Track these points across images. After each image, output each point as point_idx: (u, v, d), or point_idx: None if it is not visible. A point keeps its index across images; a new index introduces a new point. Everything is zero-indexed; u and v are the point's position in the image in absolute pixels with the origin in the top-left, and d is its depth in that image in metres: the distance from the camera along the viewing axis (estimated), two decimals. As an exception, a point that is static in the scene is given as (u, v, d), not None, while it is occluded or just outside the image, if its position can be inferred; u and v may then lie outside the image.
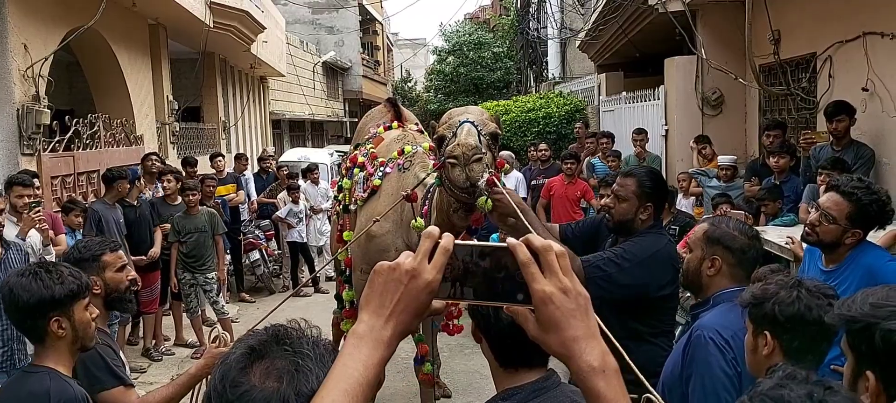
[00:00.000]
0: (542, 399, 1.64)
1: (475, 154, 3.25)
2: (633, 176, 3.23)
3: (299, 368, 1.13)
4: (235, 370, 1.12)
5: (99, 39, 8.78)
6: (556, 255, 1.04)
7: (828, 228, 3.00)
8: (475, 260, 1.05)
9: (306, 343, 1.18)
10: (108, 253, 2.90)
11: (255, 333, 1.20)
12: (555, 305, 1.03)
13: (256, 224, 10.38)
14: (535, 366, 1.69)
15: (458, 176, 3.27)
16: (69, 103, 11.01)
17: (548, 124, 12.26)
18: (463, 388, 6.20)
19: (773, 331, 2.02)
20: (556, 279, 1.04)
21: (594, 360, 1.04)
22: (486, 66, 24.52)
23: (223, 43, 12.59)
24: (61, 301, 2.34)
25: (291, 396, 1.10)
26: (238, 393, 1.10)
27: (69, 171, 7.56)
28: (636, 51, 11.18)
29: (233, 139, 15.43)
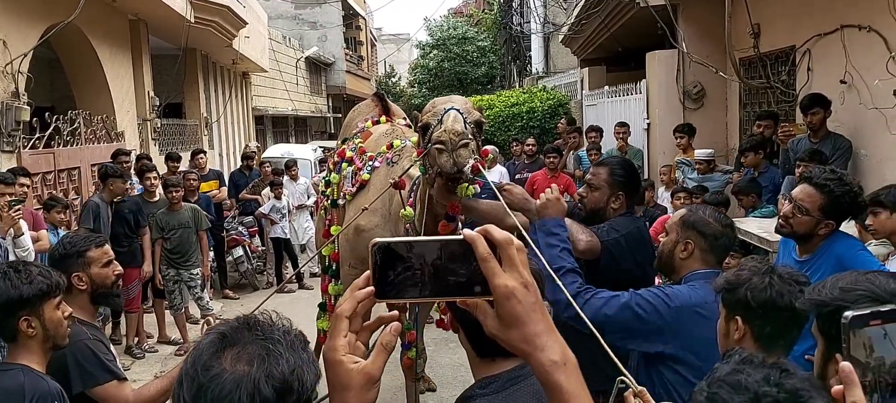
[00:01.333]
0: (519, 387, 1.66)
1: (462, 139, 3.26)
2: (605, 165, 3.33)
3: (270, 352, 1.14)
4: (207, 354, 1.13)
5: (79, 35, 8.70)
6: (516, 248, 1.02)
7: (801, 220, 3.04)
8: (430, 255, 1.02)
9: (277, 331, 1.20)
10: (93, 249, 2.89)
11: (226, 322, 1.21)
12: (517, 300, 1.01)
13: (240, 220, 10.35)
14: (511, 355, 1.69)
15: (446, 161, 3.27)
16: (50, 100, 10.90)
17: (531, 119, 12.31)
18: (448, 381, 6.23)
19: (744, 316, 2.06)
20: (518, 273, 1.01)
21: (555, 355, 1.03)
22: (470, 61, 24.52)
23: (205, 38, 12.50)
24: (30, 300, 2.34)
25: (262, 379, 1.11)
26: (209, 376, 1.11)
27: (50, 168, 7.49)
28: (618, 45, 11.25)
29: (215, 135, 15.35)
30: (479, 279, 1.00)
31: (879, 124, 5.57)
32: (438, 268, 1.01)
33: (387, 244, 1.02)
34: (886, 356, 1.12)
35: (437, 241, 1.03)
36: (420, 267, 1.01)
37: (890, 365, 1.12)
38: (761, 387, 1.10)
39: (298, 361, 1.16)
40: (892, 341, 1.13)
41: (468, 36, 25.25)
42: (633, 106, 9.91)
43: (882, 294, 1.48)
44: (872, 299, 1.46)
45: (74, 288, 2.79)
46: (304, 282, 10.10)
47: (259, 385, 1.11)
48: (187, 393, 1.12)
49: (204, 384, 1.10)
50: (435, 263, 1.01)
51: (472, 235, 1.00)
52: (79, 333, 2.64)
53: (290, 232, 10.15)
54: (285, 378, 1.13)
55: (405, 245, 1.02)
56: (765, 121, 6.76)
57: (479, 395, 1.68)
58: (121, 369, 2.87)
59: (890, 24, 5.26)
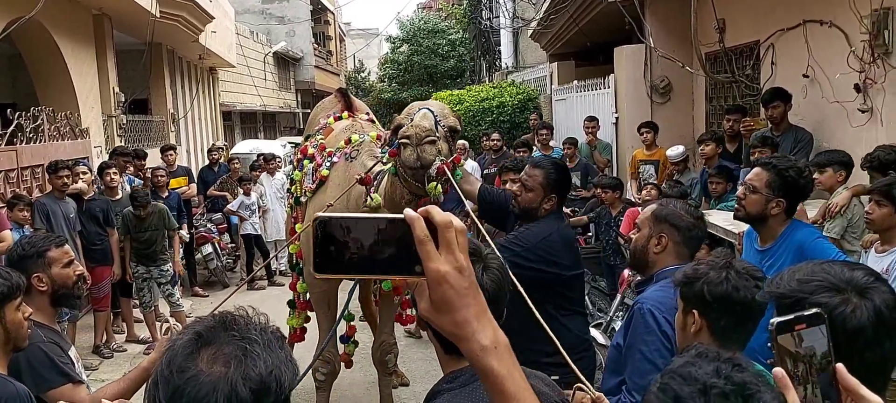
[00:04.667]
0: None
1: (428, 135, 3.30)
2: (541, 167, 3.41)
3: (247, 353, 1.13)
4: (182, 356, 1.12)
5: (41, 31, 8.53)
6: (455, 232, 0.99)
7: (752, 199, 3.15)
8: (372, 232, 1.00)
9: (254, 329, 1.18)
10: (53, 249, 2.84)
11: (201, 320, 1.19)
12: (449, 285, 0.98)
13: (209, 217, 10.25)
14: None
15: (409, 155, 3.31)
16: (11, 97, 10.68)
17: (501, 114, 12.35)
18: (421, 376, 6.25)
19: (701, 310, 2.09)
20: (453, 257, 0.98)
21: (486, 340, 1.01)
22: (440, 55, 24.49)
23: (170, 33, 12.33)
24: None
25: (239, 380, 1.10)
26: (185, 378, 1.10)
27: (12, 166, 7.33)
28: (587, 40, 11.31)
29: (182, 131, 15.15)
30: (419, 259, 0.98)
31: (840, 117, 5.70)
32: (380, 246, 1.00)
33: (329, 219, 1.01)
34: (817, 347, 1.15)
35: (379, 219, 1.01)
36: (361, 244, 1.00)
37: (821, 356, 1.14)
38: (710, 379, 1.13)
39: (276, 361, 1.15)
40: (822, 331, 1.15)
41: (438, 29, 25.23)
42: (601, 100, 9.99)
43: (838, 283, 1.51)
44: (829, 289, 1.50)
45: (34, 289, 2.74)
46: (275, 279, 10.04)
47: (236, 387, 1.09)
48: (163, 396, 1.10)
49: (179, 386, 1.09)
50: (377, 241, 1.00)
51: (412, 215, 0.98)
52: (34, 337, 2.58)
53: (262, 228, 10.08)
54: (263, 379, 1.12)
55: (347, 220, 1.01)
56: (733, 115, 6.88)
57: (445, 390, 1.69)
58: (79, 372, 2.82)
59: (850, 19, 5.38)
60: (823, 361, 1.14)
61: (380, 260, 1.00)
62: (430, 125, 3.36)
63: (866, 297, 1.47)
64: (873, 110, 5.32)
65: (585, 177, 8.34)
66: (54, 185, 6.71)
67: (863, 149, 4.94)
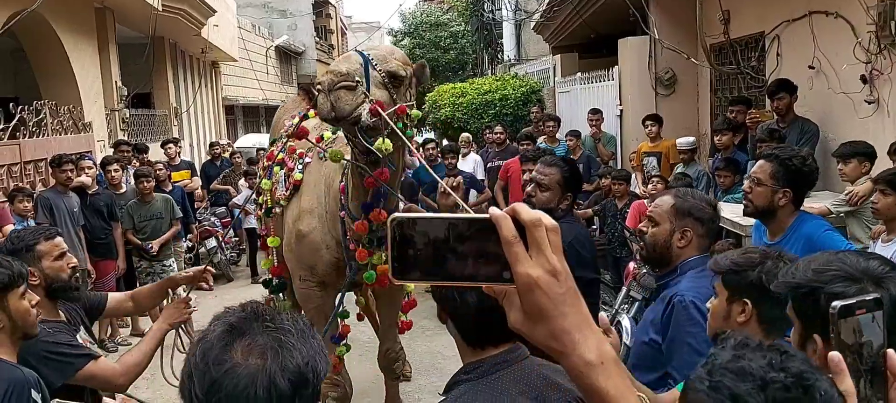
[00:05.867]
0: (506, 372, 1.64)
1: (342, 81, 2.92)
2: (556, 166, 3.29)
3: (282, 344, 1.11)
4: (217, 348, 1.10)
5: (43, 24, 8.52)
6: (546, 230, 0.89)
7: (758, 192, 3.12)
8: (448, 234, 0.91)
9: (286, 319, 1.17)
10: (42, 242, 2.79)
11: (231, 311, 1.18)
12: (542, 291, 0.87)
13: (212, 211, 10.25)
14: (501, 342, 1.69)
15: (322, 104, 2.95)
16: (14, 91, 10.67)
17: (504, 106, 12.31)
18: (425, 369, 6.24)
19: (754, 299, 2.04)
20: (544, 259, 0.88)
21: (590, 353, 0.90)
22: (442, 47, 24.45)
23: (173, 27, 12.31)
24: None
25: (277, 372, 1.08)
26: (222, 371, 1.08)
27: (15, 160, 7.33)
28: (591, 32, 11.29)
29: (185, 125, 15.14)
30: (508, 264, 0.89)
31: (847, 109, 5.67)
32: (463, 250, 0.90)
33: (407, 219, 0.92)
34: (874, 339, 1.13)
35: (460, 219, 0.91)
36: (441, 247, 0.90)
37: (877, 348, 1.13)
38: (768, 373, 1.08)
39: (310, 351, 1.14)
40: (880, 325, 1.14)
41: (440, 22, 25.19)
42: (605, 92, 9.96)
43: (854, 272, 1.50)
44: (845, 278, 1.49)
45: None
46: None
47: (275, 379, 1.08)
48: (199, 389, 1.08)
49: (217, 379, 1.07)
50: (459, 243, 0.90)
51: (497, 214, 0.88)
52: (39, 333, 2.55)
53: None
54: (300, 369, 1.11)
55: (425, 220, 0.92)
56: (737, 106, 6.85)
57: (463, 380, 1.67)
58: (92, 348, 2.82)
59: (856, 9, 5.35)
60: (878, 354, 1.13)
61: (463, 266, 0.91)
62: (348, 68, 2.96)
63: (882, 286, 1.46)
64: (880, 101, 5.30)
65: (588, 170, 8.31)
66: (58, 179, 6.69)
67: (869, 140, 4.92)
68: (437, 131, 13.28)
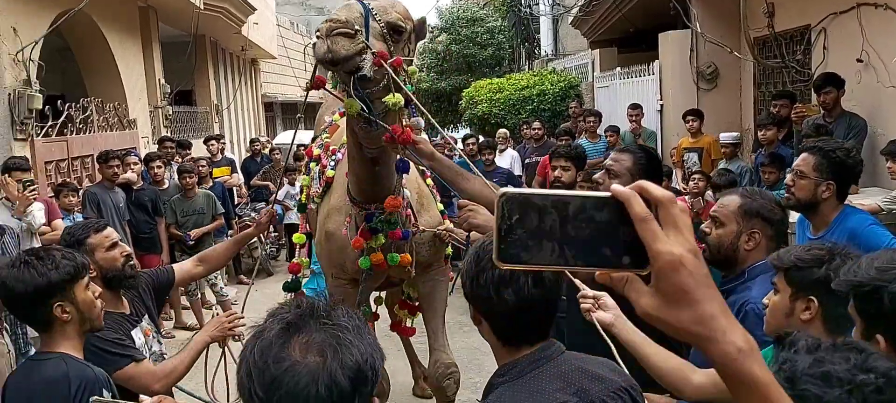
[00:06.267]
0: (541, 370, 1.61)
1: (340, 27, 2.81)
2: (630, 152, 3.05)
3: (341, 341, 1.11)
4: (276, 345, 1.09)
5: (89, 23, 8.71)
6: (679, 209, 0.82)
7: (800, 185, 3.09)
8: (569, 212, 0.84)
9: (342, 315, 1.16)
10: (92, 235, 2.84)
11: (284, 306, 1.17)
12: (688, 271, 0.81)
13: (252, 207, 10.39)
14: (535, 341, 1.66)
15: (319, 47, 2.83)
16: (61, 88, 10.90)
17: (542, 102, 12.25)
18: (464, 365, 6.22)
19: (820, 297, 1.97)
20: (683, 238, 0.81)
21: (740, 340, 0.83)
22: (478, 43, 24.35)
23: (214, 25, 12.49)
24: (59, 285, 2.27)
25: (337, 370, 1.08)
26: (282, 368, 1.07)
27: (63, 156, 7.53)
28: (630, 26, 11.16)
29: (225, 122, 15.37)
30: (630, 247, 0.82)
31: (896, 103, 5.53)
32: (579, 231, 0.83)
33: (517, 195, 0.85)
34: None
35: (579, 197, 0.84)
36: (554, 229, 0.83)
37: None
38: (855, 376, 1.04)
39: (368, 348, 1.13)
40: None
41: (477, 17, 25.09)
42: (645, 87, 9.84)
43: None
44: None
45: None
46: (317, 268, 10.13)
47: (335, 376, 1.08)
48: (259, 387, 1.08)
49: (277, 376, 1.07)
50: (575, 224, 0.83)
51: (625, 190, 0.82)
52: None
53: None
54: (360, 366, 1.10)
55: (537, 198, 0.84)
56: (781, 100, 6.71)
57: (499, 383, 1.64)
58: (139, 350, 2.85)
59: (908, 0, 5.21)
60: None
61: (578, 249, 0.84)
62: (350, 17, 2.85)
63: None
64: (932, 95, 5.15)
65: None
66: (104, 175, 6.84)
67: (921, 135, 4.79)
68: (474, 127, 13.26)
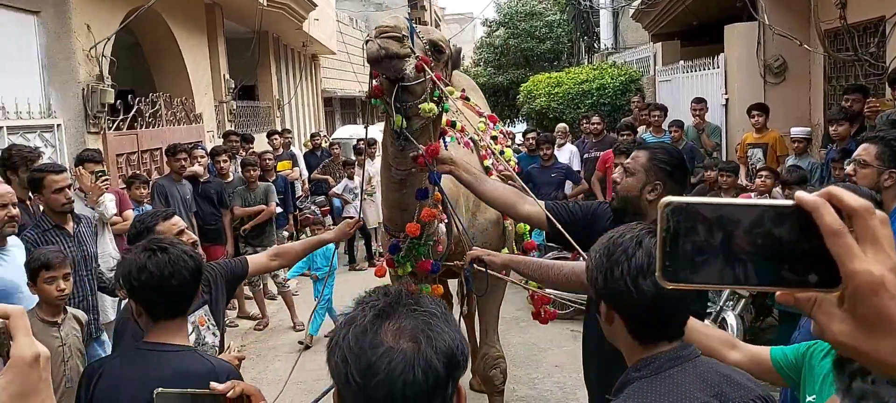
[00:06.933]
0: (681, 368, 1.56)
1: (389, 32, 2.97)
2: (646, 149, 2.91)
3: (432, 328, 1.12)
4: (371, 332, 1.11)
5: (158, 19, 8.96)
6: (879, 221, 0.72)
7: (863, 173, 3.09)
8: (745, 225, 0.75)
9: (430, 302, 1.17)
10: (162, 223, 2.91)
11: (374, 294, 1.19)
12: (890, 294, 0.70)
13: (312, 200, 10.57)
14: (674, 339, 1.62)
15: (370, 46, 2.97)
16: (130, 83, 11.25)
17: (602, 96, 12.09)
18: (521, 360, 6.21)
19: None
20: (885, 255, 0.71)
21: None
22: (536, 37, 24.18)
23: (276, 21, 12.72)
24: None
25: (432, 355, 1.09)
26: (378, 354, 1.09)
27: (133, 149, 7.78)
28: (693, 18, 10.92)
29: (286, 117, 15.64)
30: (817, 264, 0.73)
31: (981, 96, 5.26)
32: (755, 245, 0.75)
33: (684, 205, 0.77)
34: None
35: (756, 206, 0.76)
36: (728, 242, 0.76)
37: None
38: None
39: (456, 334, 1.14)
40: None
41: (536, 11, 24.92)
42: (709, 81, 9.62)
43: None
44: None
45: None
46: (375, 262, 10.24)
47: (431, 361, 1.09)
48: (356, 372, 1.09)
49: (373, 362, 1.09)
50: (750, 237, 0.75)
51: (813, 199, 0.73)
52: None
53: (364, 212, 10.28)
54: (453, 352, 1.12)
55: (710, 208, 0.77)
56: (853, 95, 6.46)
57: (634, 378, 1.59)
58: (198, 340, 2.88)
59: None
60: None
61: (754, 266, 0.75)
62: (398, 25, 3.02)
63: None
64: None
65: (691, 161, 8.03)
66: (172, 168, 7.04)
67: None
68: (532, 121, 13.17)
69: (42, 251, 3.56)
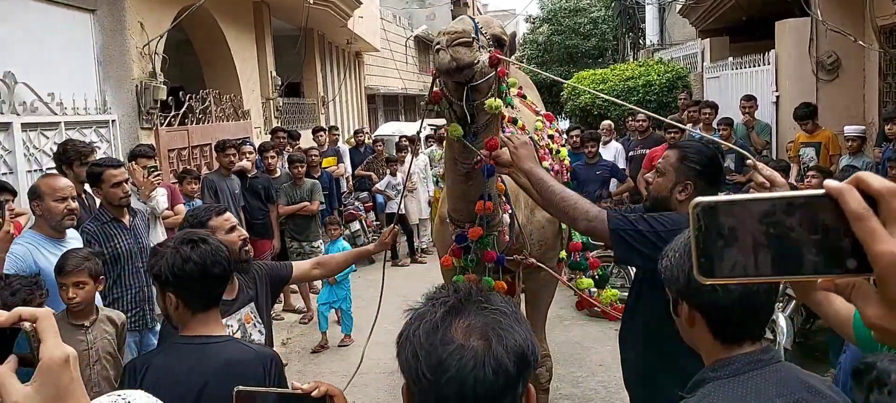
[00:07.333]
0: (760, 372, 1.54)
1: (460, 37, 2.96)
2: (677, 147, 2.90)
3: (503, 326, 1.12)
4: (441, 328, 1.12)
5: (208, 18, 9.12)
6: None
7: None
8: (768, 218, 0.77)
9: (500, 301, 1.17)
10: (214, 218, 2.95)
11: (443, 291, 1.20)
12: None
13: (356, 196, 10.67)
14: (756, 340, 1.60)
15: (442, 57, 2.97)
16: (180, 80, 11.49)
17: (648, 93, 11.94)
18: (565, 359, 6.18)
19: None
20: None
21: None
22: (581, 34, 23.97)
23: (322, 19, 12.84)
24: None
25: (503, 354, 1.09)
26: (448, 351, 1.09)
27: (184, 145, 7.94)
28: (742, 14, 10.72)
29: (330, 113, 15.79)
30: (856, 249, 0.73)
31: None
32: (790, 235, 0.76)
33: (713, 203, 0.78)
34: None
35: (785, 197, 0.77)
36: (762, 235, 0.77)
37: None
38: None
39: (527, 333, 1.15)
40: None
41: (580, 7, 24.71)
42: (760, 78, 9.43)
43: None
44: None
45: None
46: (417, 257, 10.30)
47: (501, 360, 1.09)
48: (427, 368, 1.10)
49: (444, 359, 1.09)
50: (784, 228, 0.76)
51: (839, 185, 0.74)
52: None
53: (405, 208, 10.35)
54: (523, 351, 1.12)
55: (739, 203, 0.78)
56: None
57: (710, 378, 1.58)
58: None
59: None
60: None
61: (789, 257, 0.76)
62: (466, 28, 3.00)
63: None
64: None
65: (741, 160, 7.88)
66: (221, 163, 7.18)
67: None
68: (576, 118, 13.07)
69: (66, 254, 3.48)
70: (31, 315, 0.96)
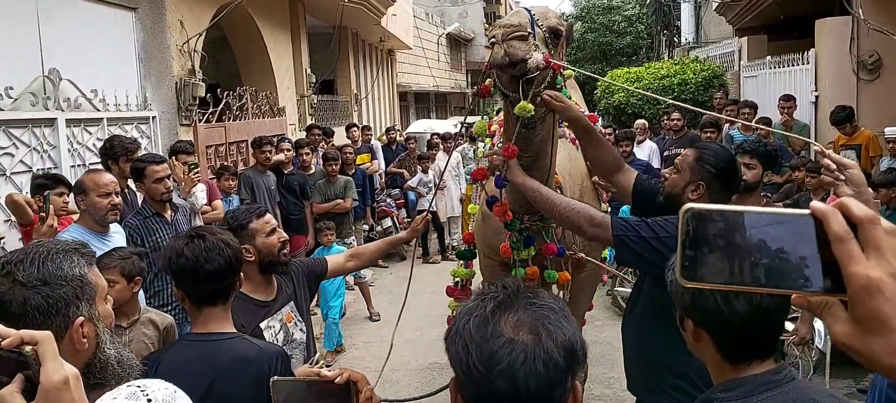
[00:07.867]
0: (771, 394, 1.49)
1: (516, 31, 2.94)
2: (695, 148, 2.88)
3: (551, 322, 1.14)
4: (492, 322, 1.14)
5: (245, 16, 9.23)
6: (884, 231, 0.77)
7: None
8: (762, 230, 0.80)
9: (547, 297, 1.19)
10: (254, 220, 2.92)
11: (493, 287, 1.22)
12: (884, 297, 0.74)
13: (388, 193, 10.74)
14: (766, 358, 1.56)
15: (497, 52, 2.96)
16: (216, 77, 11.64)
17: (683, 91, 11.81)
18: (596, 360, 6.16)
19: None
20: (885, 261, 0.76)
21: None
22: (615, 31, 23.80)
23: (356, 17, 12.93)
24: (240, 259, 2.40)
25: (553, 348, 1.11)
26: (499, 344, 1.11)
27: (221, 141, 8.06)
28: (780, 12, 10.55)
29: (363, 111, 15.89)
30: (831, 269, 0.78)
31: None
32: (772, 251, 0.80)
33: (703, 211, 0.83)
34: None
35: (772, 214, 0.81)
36: (744, 246, 0.80)
37: None
38: None
39: (574, 329, 1.16)
40: None
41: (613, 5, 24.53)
42: (798, 77, 9.28)
43: None
44: None
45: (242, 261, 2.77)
46: (448, 254, 10.32)
47: (551, 353, 1.11)
48: (478, 361, 1.12)
49: (495, 351, 1.11)
50: (767, 243, 0.80)
51: (823, 208, 0.78)
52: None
53: (437, 205, 10.38)
54: (572, 345, 1.13)
55: (728, 214, 0.82)
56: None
57: (718, 399, 1.54)
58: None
59: None
60: None
61: (771, 270, 0.80)
62: (520, 20, 2.99)
63: None
64: None
65: (779, 160, 7.76)
66: (258, 159, 7.27)
67: None
68: (609, 117, 12.98)
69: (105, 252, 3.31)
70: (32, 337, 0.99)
